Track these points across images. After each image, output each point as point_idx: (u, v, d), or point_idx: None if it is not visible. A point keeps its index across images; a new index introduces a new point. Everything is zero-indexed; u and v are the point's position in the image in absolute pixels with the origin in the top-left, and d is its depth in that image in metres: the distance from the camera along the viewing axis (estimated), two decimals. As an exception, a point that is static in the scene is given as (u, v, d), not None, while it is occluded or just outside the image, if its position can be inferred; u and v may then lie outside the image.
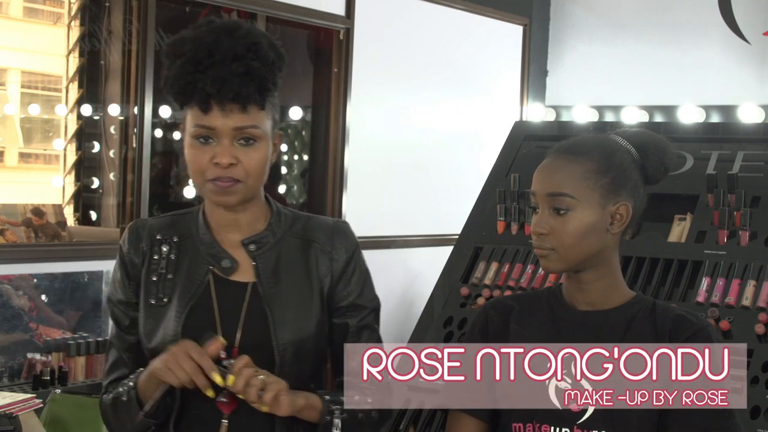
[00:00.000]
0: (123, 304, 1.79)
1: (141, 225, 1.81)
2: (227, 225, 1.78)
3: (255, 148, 1.70)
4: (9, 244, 3.96)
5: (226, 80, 1.65)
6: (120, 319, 1.79)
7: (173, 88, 1.69)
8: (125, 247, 1.78)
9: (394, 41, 5.24)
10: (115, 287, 1.80)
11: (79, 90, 4.93)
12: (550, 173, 1.71)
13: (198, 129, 1.69)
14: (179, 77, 1.67)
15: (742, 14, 5.61)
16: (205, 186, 1.72)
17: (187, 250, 1.77)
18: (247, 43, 1.68)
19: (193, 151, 1.71)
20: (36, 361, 3.57)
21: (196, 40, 1.68)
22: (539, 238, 1.70)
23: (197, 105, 1.67)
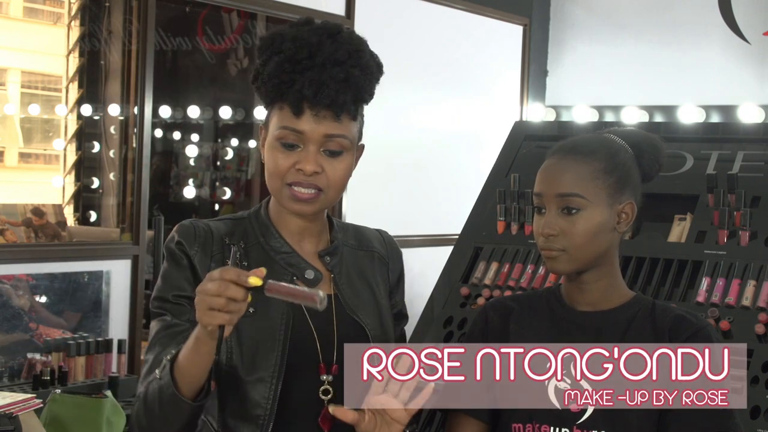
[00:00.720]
0: (188, 299, 1.62)
1: (202, 226, 1.70)
2: (300, 233, 1.72)
3: (341, 159, 1.67)
4: (9, 244, 3.96)
5: (324, 84, 1.60)
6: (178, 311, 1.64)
7: (266, 84, 1.63)
8: (191, 247, 1.66)
9: (394, 41, 5.24)
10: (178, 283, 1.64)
11: (79, 90, 4.94)
12: (558, 173, 1.70)
13: (285, 131, 1.63)
14: (275, 75, 1.61)
15: (742, 14, 5.61)
16: (282, 191, 1.65)
17: (256, 258, 1.68)
18: (350, 49, 1.65)
19: (276, 154, 1.64)
20: (36, 361, 3.57)
21: (298, 39, 1.62)
22: (548, 240, 1.68)
23: (289, 106, 1.62)
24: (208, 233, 1.68)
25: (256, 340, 1.62)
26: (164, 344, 1.61)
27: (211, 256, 1.66)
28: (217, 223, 1.72)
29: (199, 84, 6.54)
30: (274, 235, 1.71)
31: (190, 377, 1.51)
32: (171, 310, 1.65)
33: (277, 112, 1.64)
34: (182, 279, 1.65)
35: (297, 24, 1.68)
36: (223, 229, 1.70)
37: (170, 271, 1.67)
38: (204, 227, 1.69)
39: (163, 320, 1.65)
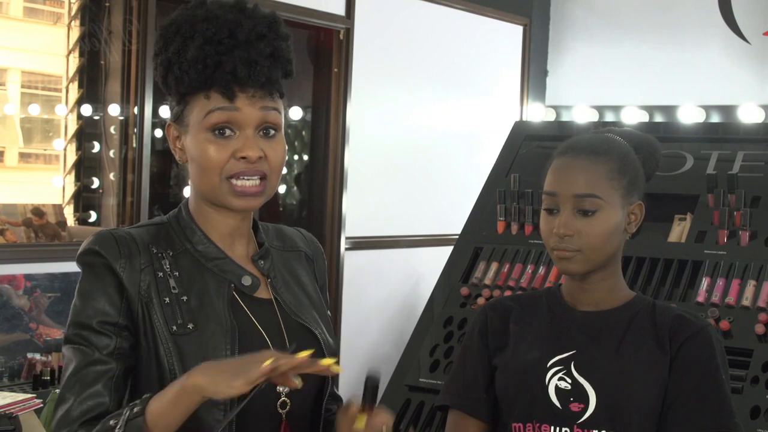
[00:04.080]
0: (118, 327, 1.47)
1: (123, 235, 1.52)
2: (231, 235, 1.58)
3: (278, 140, 1.52)
4: (9, 244, 3.96)
5: (255, 62, 1.47)
6: (103, 343, 1.45)
7: (188, 72, 1.48)
8: (116, 261, 1.48)
9: (394, 41, 5.24)
10: (103, 307, 1.46)
11: (79, 90, 4.93)
12: (574, 174, 1.68)
13: (218, 117, 1.48)
14: (198, 59, 1.46)
15: (742, 14, 5.61)
16: (221, 187, 1.50)
17: (185, 266, 1.52)
18: (268, 21, 1.51)
19: (208, 146, 1.48)
20: (36, 361, 3.57)
21: (212, 19, 1.48)
22: (563, 240, 1.67)
23: (219, 91, 1.47)
24: (132, 243, 1.50)
25: (201, 359, 1.42)
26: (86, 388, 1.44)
27: (140, 270, 1.49)
28: (138, 230, 1.55)
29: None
30: (202, 239, 1.55)
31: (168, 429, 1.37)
32: (92, 341, 1.45)
33: (202, 100, 1.49)
34: (106, 301, 1.47)
35: (194, 6, 1.53)
36: (146, 236, 1.53)
37: (91, 291, 1.47)
38: (126, 236, 1.51)
39: (83, 352, 1.45)
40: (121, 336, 1.47)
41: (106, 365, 1.45)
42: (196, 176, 1.53)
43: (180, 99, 1.53)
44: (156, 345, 1.47)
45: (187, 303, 1.49)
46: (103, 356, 1.45)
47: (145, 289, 1.48)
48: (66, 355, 1.48)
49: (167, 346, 1.46)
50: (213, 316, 1.49)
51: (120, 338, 1.47)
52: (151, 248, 1.52)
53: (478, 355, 1.79)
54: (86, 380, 1.44)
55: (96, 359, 1.45)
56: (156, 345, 1.47)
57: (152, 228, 1.56)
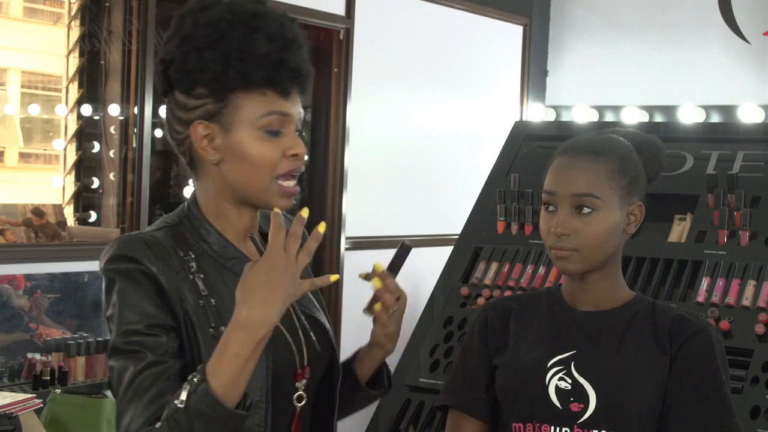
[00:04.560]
0: (166, 328, 1.44)
1: (150, 239, 1.49)
2: (244, 233, 1.57)
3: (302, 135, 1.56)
4: (9, 244, 3.96)
5: (304, 61, 1.49)
6: (156, 345, 1.42)
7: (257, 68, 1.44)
8: (154, 266, 1.45)
9: (394, 41, 5.24)
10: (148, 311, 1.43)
11: (79, 90, 4.93)
12: (573, 173, 1.69)
13: (272, 118, 1.47)
14: (266, 55, 1.44)
15: (742, 14, 5.61)
16: (270, 187, 1.49)
17: (207, 267, 1.51)
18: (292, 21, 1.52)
19: (265, 144, 1.47)
20: (36, 361, 3.57)
21: (263, 15, 1.47)
22: (560, 239, 1.67)
23: (280, 89, 1.47)
24: (161, 247, 1.48)
25: None
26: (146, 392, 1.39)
27: (176, 273, 1.47)
28: (159, 233, 1.51)
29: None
30: (218, 239, 1.54)
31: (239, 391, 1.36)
32: (144, 344, 1.42)
33: (257, 98, 1.47)
34: (149, 305, 1.44)
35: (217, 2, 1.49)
36: (170, 239, 1.51)
37: (133, 298, 1.44)
38: (152, 239, 1.48)
39: (136, 358, 1.41)
40: (170, 336, 1.44)
41: (163, 365, 1.42)
42: (241, 175, 1.50)
43: (219, 96, 1.48)
44: (199, 347, 1.45)
45: (215, 305, 1.48)
46: (157, 357, 1.42)
47: (183, 293, 1.47)
48: (116, 365, 1.43)
49: (208, 349, 1.42)
50: None
51: (169, 338, 1.44)
52: (178, 251, 1.50)
53: (478, 355, 1.79)
54: (145, 385, 1.40)
55: (151, 362, 1.41)
56: (199, 347, 1.45)
57: (169, 230, 1.53)
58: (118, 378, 1.43)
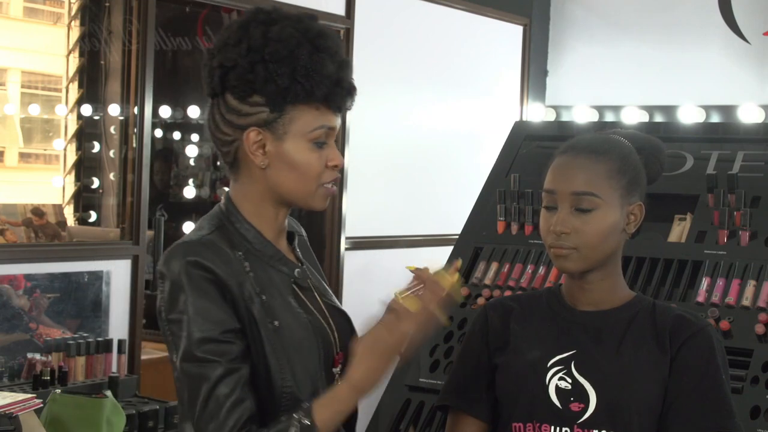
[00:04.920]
0: (236, 331, 1.53)
1: (212, 243, 1.57)
2: (279, 230, 1.67)
3: None
4: (9, 244, 3.95)
5: (353, 79, 1.63)
6: (229, 351, 1.51)
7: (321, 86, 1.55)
8: (221, 269, 1.53)
9: (394, 41, 5.24)
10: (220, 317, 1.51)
11: (79, 90, 4.93)
12: (573, 171, 1.69)
13: (322, 131, 1.59)
14: (331, 75, 1.56)
15: (742, 14, 5.61)
16: (316, 192, 1.61)
17: (254, 265, 1.59)
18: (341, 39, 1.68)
19: (313, 155, 1.59)
20: (36, 361, 3.57)
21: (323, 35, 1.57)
22: (560, 238, 1.67)
23: (334, 105, 1.59)
24: (221, 250, 1.57)
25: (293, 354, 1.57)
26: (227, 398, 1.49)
27: (236, 274, 1.56)
28: (212, 236, 1.60)
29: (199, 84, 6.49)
30: (258, 238, 1.62)
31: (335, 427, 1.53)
32: (220, 352, 1.50)
33: (312, 112, 1.57)
34: (220, 310, 1.52)
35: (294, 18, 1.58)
36: (224, 241, 1.59)
37: (204, 304, 1.52)
38: (211, 243, 1.57)
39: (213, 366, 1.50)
40: (241, 339, 1.53)
41: (239, 372, 1.51)
42: (289, 181, 1.60)
43: (279, 107, 1.57)
44: (262, 343, 1.55)
45: (267, 301, 1.57)
46: (233, 364, 1.51)
47: (246, 292, 1.55)
48: (193, 372, 1.51)
49: (273, 343, 1.55)
50: (289, 311, 1.59)
51: (241, 342, 1.53)
52: (234, 251, 1.58)
53: (478, 355, 1.79)
54: (226, 391, 1.49)
55: (228, 369, 1.50)
56: (262, 343, 1.55)
57: (218, 233, 1.61)
58: (197, 383, 1.51)
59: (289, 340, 1.57)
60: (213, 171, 6.57)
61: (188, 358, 1.51)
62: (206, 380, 1.49)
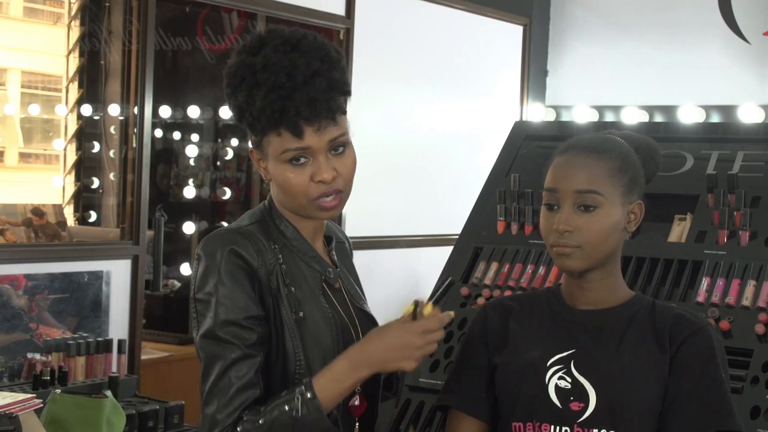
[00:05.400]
0: (259, 319, 1.65)
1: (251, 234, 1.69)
2: (315, 233, 1.78)
3: (347, 154, 1.71)
4: (9, 244, 3.96)
5: (315, 99, 1.63)
6: (249, 337, 1.63)
7: (259, 120, 1.64)
8: (255, 260, 1.66)
9: (394, 41, 5.24)
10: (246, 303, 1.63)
11: (79, 90, 4.94)
12: (575, 170, 1.69)
13: (292, 153, 1.65)
14: (266, 108, 1.62)
15: (742, 14, 5.61)
16: (309, 206, 1.69)
17: (287, 259, 1.71)
18: (319, 54, 1.66)
19: (291, 174, 1.66)
20: (36, 361, 3.56)
21: (270, 66, 1.62)
22: (563, 236, 1.67)
23: (289, 130, 1.63)
24: (258, 240, 1.68)
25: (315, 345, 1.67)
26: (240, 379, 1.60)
27: (268, 263, 1.67)
28: (251, 227, 1.72)
29: (199, 84, 6.54)
30: (295, 236, 1.74)
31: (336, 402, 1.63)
32: (241, 336, 1.62)
33: (275, 137, 1.66)
34: (247, 297, 1.63)
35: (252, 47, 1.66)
36: (262, 233, 1.71)
37: (233, 289, 1.63)
38: (248, 234, 1.69)
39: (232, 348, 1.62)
40: (262, 327, 1.64)
41: (254, 357, 1.62)
42: (283, 198, 1.72)
43: (254, 132, 1.69)
44: (283, 331, 1.66)
45: (295, 293, 1.68)
46: (251, 350, 1.62)
47: (274, 282, 1.67)
48: (211, 350, 1.62)
49: (293, 332, 1.66)
50: (316, 305, 1.70)
51: (262, 329, 1.64)
52: (270, 243, 1.69)
53: (477, 355, 1.79)
54: (239, 373, 1.60)
55: (246, 353, 1.61)
56: (283, 331, 1.66)
57: (258, 225, 1.72)
58: (211, 360, 1.62)
59: (312, 330, 1.67)
60: (213, 171, 6.57)
61: (209, 336, 1.62)
62: (222, 359, 1.60)
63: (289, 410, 1.57)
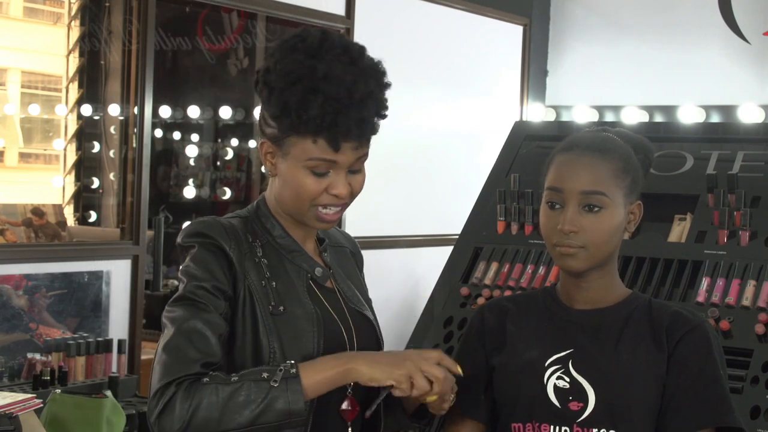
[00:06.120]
0: (227, 296, 1.62)
1: (228, 224, 1.68)
2: (305, 234, 1.76)
3: (362, 171, 1.71)
4: (9, 244, 3.96)
5: (365, 121, 1.63)
6: (216, 303, 1.60)
7: (306, 123, 1.60)
8: (228, 244, 1.64)
9: (394, 41, 5.23)
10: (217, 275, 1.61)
11: (79, 90, 4.94)
12: (581, 170, 1.68)
13: (318, 163, 1.63)
14: (319, 117, 1.59)
15: (742, 14, 5.61)
16: (308, 212, 1.68)
17: (270, 255, 1.70)
18: (376, 75, 1.68)
19: (306, 180, 1.64)
20: (36, 361, 3.57)
21: (333, 79, 1.61)
22: (567, 236, 1.67)
23: (329, 142, 1.62)
24: (235, 230, 1.68)
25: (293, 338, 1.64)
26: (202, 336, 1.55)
27: (244, 253, 1.66)
28: (232, 220, 1.71)
29: (199, 84, 6.54)
30: (282, 233, 1.73)
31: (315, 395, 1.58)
32: (208, 299, 1.59)
33: (309, 143, 1.63)
34: (219, 271, 1.62)
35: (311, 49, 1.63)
36: (241, 226, 1.70)
37: (206, 261, 1.63)
38: (227, 223, 1.68)
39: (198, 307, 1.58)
40: (227, 303, 1.61)
41: (219, 322, 1.59)
42: (285, 196, 1.69)
43: (283, 129, 1.64)
44: (256, 321, 1.63)
45: (276, 287, 1.66)
46: (217, 315, 1.59)
47: (248, 271, 1.65)
48: (176, 311, 1.59)
49: (268, 324, 1.63)
50: (297, 301, 1.67)
51: (226, 305, 1.61)
52: (248, 236, 1.69)
53: (475, 356, 1.79)
54: (200, 329, 1.57)
55: (211, 316, 1.58)
56: (256, 321, 1.63)
57: (240, 220, 1.72)
58: (173, 320, 1.58)
59: (291, 325, 1.64)
60: (213, 171, 6.57)
61: (179, 298, 1.61)
62: (184, 316, 1.57)
63: (267, 378, 1.53)
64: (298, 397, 1.53)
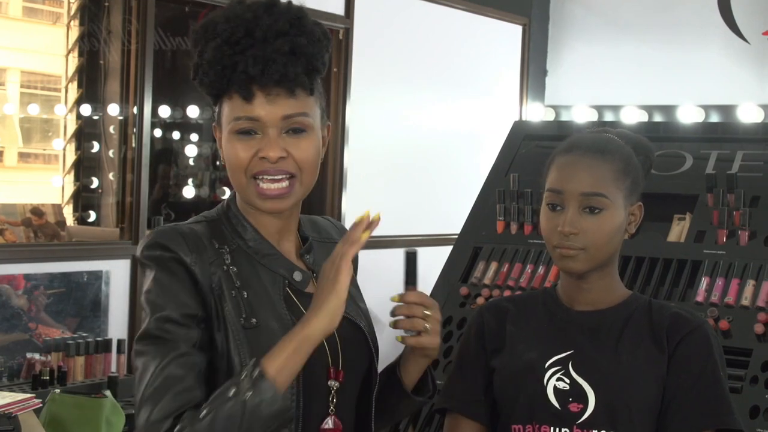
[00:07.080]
0: (198, 319, 1.45)
1: (186, 231, 1.51)
2: (279, 233, 1.58)
3: (306, 137, 1.51)
4: (9, 244, 3.96)
5: (270, 60, 1.45)
6: (187, 335, 1.43)
7: (208, 75, 1.47)
8: (186, 255, 1.47)
9: (394, 41, 5.24)
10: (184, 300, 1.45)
11: (78, 90, 4.94)
12: (581, 172, 1.68)
13: (239, 122, 1.48)
14: (215, 61, 1.46)
15: (742, 14, 5.61)
16: (248, 187, 1.51)
17: (241, 261, 1.52)
18: (290, 17, 1.48)
19: (234, 144, 1.49)
20: (35, 361, 3.57)
21: (231, 19, 1.47)
22: (567, 238, 1.67)
23: (238, 92, 1.47)
24: (197, 238, 1.50)
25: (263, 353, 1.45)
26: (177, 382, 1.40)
27: (209, 263, 1.48)
28: (196, 225, 1.54)
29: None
30: (253, 236, 1.56)
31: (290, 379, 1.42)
32: (177, 334, 1.43)
33: (227, 102, 1.50)
34: (185, 294, 1.45)
35: (228, 6, 1.51)
36: (206, 232, 1.53)
37: (169, 285, 1.45)
38: (189, 231, 1.50)
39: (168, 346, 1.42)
40: (200, 328, 1.45)
41: (194, 358, 1.43)
42: (229, 175, 1.54)
43: (214, 101, 1.54)
44: (227, 338, 1.47)
45: (248, 298, 1.49)
46: (189, 349, 1.43)
47: (216, 283, 1.48)
48: (146, 350, 1.43)
49: (239, 339, 1.46)
50: (272, 312, 1.50)
51: (201, 330, 1.45)
52: (214, 243, 1.52)
53: (475, 357, 1.79)
54: (176, 374, 1.40)
55: (183, 352, 1.42)
56: (227, 338, 1.47)
57: (206, 224, 1.55)
58: (146, 363, 1.43)
59: (266, 339, 1.46)
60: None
61: (145, 335, 1.44)
62: (155, 360, 1.41)
63: (236, 394, 1.36)
64: (274, 395, 1.38)
